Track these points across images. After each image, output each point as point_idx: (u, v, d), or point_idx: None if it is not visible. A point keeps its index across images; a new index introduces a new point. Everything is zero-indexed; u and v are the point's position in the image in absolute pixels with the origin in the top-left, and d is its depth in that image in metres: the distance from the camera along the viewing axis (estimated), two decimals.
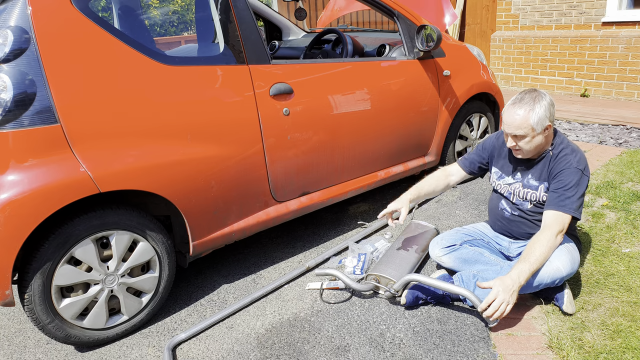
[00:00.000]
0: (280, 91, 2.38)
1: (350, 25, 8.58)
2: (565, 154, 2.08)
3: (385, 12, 2.98)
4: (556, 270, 2.00)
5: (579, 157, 2.06)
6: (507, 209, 2.28)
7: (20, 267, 1.88)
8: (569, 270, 2.02)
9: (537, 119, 1.99)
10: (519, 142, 2.07)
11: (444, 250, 2.33)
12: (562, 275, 2.00)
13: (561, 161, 2.07)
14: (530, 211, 2.19)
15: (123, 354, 2.07)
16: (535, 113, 1.99)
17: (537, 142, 2.05)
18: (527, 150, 2.09)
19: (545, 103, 2.01)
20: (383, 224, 3.01)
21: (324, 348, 2.01)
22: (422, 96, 3.06)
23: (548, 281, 2.01)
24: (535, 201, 2.15)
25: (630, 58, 5.55)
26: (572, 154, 2.07)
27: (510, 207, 2.26)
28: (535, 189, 2.15)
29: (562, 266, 2.00)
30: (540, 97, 2.03)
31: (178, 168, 2.07)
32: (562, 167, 2.06)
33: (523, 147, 2.07)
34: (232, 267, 2.70)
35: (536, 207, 2.17)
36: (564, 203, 2.01)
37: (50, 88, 1.77)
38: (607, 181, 3.38)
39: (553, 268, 2.00)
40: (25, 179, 1.73)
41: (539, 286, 2.03)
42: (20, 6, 1.75)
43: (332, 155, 2.67)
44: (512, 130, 2.05)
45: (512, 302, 1.87)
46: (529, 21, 6.52)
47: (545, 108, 2.01)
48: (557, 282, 2.02)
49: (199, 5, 2.41)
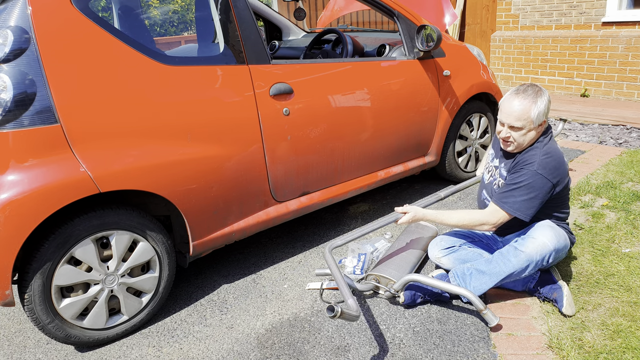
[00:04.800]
0: (280, 91, 2.38)
1: (350, 25, 8.58)
2: (535, 154, 2.04)
3: (385, 12, 2.98)
4: (543, 246, 2.00)
5: (546, 162, 2.01)
6: (488, 197, 2.30)
7: (20, 267, 1.87)
8: (556, 244, 2.02)
9: (537, 113, 1.99)
10: (514, 133, 2.04)
11: (443, 252, 2.33)
12: (550, 250, 2.01)
13: (527, 159, 2.05)
14: None
15: (123, 354, 2.07)
16: (537, 106, 1.99)
17: (531, 136, 2.04)
18: (519, 144, 2.06)
19: (546, 99, 2.02)
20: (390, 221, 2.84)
21: (324, 348, 2.01)
22: (422, 96, 3.06)
23: (537, 258, 2.00)
24: None
25: (630, 58, 5.55)
26: (544, 156, 2.02)
27: (490, 196, 2.28)
28: (504, 179, 2.16)
29: (548, 240, 2.01)
30: (542, 92, 2.03)
31: (178, 168, 2.07)
32: (523, 164, 2.05)
33: (517, 140, 2.05)
34: (232, 267, 2.70)
35: None
36: (507, 200, 2.05)
37: (50, 88, 1.77)
38: (607, 181, 3.38)
39: (539, 244, 2.01)
40: (25, 179, 1.73)
41: (529, 266, 2.02)
42: (20, 6, 1.75)
43: (332, 155, 2.67)
44: (510, 120, 2.02)
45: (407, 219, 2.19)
46: (529, 21, 6.52)
47: (546, 104, 2.01)
48: (548, 258, 2.02)
49: (199, 5, 2.41)
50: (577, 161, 3.90)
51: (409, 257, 2.43)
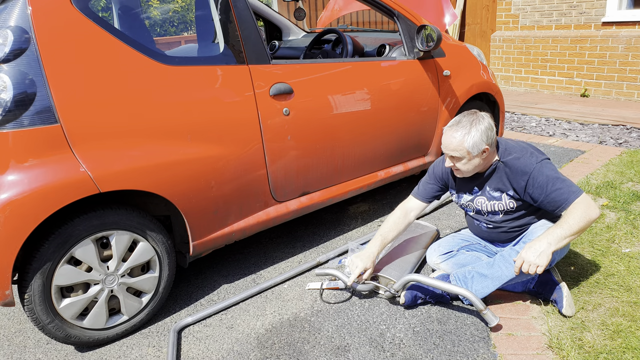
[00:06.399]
0: (280, 91, 2.38)
1: (350, 25, 8.58)
2: (517, 158, 2.06)
3: (385, 12, 2.98)
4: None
5: (529, 154, 2.06)
6: (483, 223, 2.28)
7: (20, 267, 1.87)
8: None
9: (472, 143, 2.02)
10: (456, 163, 2.10)
11: (442, 257, 2.33)
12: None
13: (519, 168, 2.04)
14: (503, 221, 2.20)
15: (123, 354, 2.07)
16: (471, 137, 2.02)
17: (475, 163, 2.08)
18: (465, 171, 2.11)
19: (482, 127, 2.02)
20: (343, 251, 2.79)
21: (324, 348, 2.01)
22: (422, 96, 3.06)
23: None
24: (504, 210, 2.16)
25: (630, 58, 5.55)
26: (523, 155, 2.06)
27: (484, 221, 2.27)
28: (499, 199, 2.15)
29: None
30: (477, 121, 2.04)
31: (178, 168, 2.07)
32: (525, 172, 2.03)
33: (460, 168, 2.10)
34: (232, 267, 2.70)
35: (507, 214, 2.17)
36: (569, 190, 1.97)
37: (50, 88, 1.77)
38: (607, 181, 3.38)
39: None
40: (25, 179, 1.73)
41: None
42: (20, 6, 1.75)
43: (332, 155, 2.67)
44: (448, 151, 2.08)
45: (543, 264, 1.88)
46: (529, 21, 6.53)
47: (482, 132, 2.02)
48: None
49: (199, 5, 2.41)
50: (577, 161, 3.90)
51: (409, 257, 2.43)
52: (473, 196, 2.23)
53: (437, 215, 3.17)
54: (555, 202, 1.99)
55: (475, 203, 2.23)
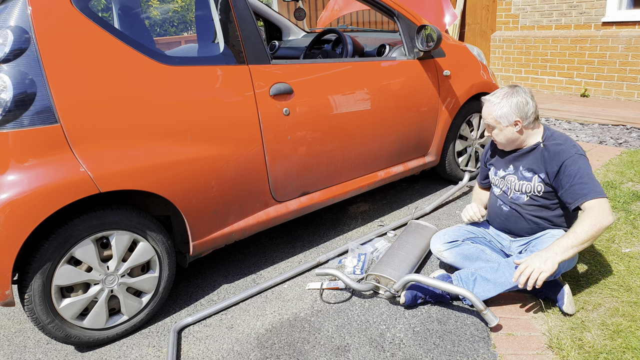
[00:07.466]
0: (280, 91, 2.38)
1: (350, 25, 8.58)
2: (559, 144, 2.10)
3: (385, 12, 2.98)
4: None
5: (571, 145, 2.09)
6: (505, 203, 2.30)
7: (20, 267, 1.87)
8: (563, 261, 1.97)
9: (500, 113, 2.11)
10: (491, 132, 2.21)
11: (446, 246, 2.32)
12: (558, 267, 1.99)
13: (557, 153, 2.08)
14: (526, 204, 2.20)
15: (123, 354, 2.07)
16: (500, 107, 2.12)
17: (508, 134, 2.15)
18: (500, 141, 2.20)
19: (514, 101, 2.10)
20: (401, 223, 3.02)
21: (324, 348, 2.01)
22: (422, 96, 3.06)
23: None
24: (531, 193, 2.18)
25: (630, 58, 5.55)
26: (565, 143, 2.10)
27: (507, 202, 2.28)
28: (530, 180, 2.17)
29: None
30: (511, 94, 2.12)
31: (178, 168, 2.07)
32: (562, 158, 2.05)
33: (495, 137, 2.21)
34: (232, 267, 2.70)
35: (532, 199, 2.18)
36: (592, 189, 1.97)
37: (50, 88, 1.77)
38: (607, 181, 3.38)
39: None
40: (25, 179, 1.73)
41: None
42: (20, 6, 1.75)
43: (332, 155, 2.67)
44: (484, 119, 2.21)
45: (548, 271, 1.88)
46: (529, 21, 6.52)
47: (513, 105, 2.10)
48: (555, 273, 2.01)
49: (199, 5, 2.41)
50: None
51: (409, 257, 2.43)
52: (506, 173, 2.28)
53: (437, 215, 3.17)
54: (575, 195, 2.00)
55: (507, 180, 2.27)
